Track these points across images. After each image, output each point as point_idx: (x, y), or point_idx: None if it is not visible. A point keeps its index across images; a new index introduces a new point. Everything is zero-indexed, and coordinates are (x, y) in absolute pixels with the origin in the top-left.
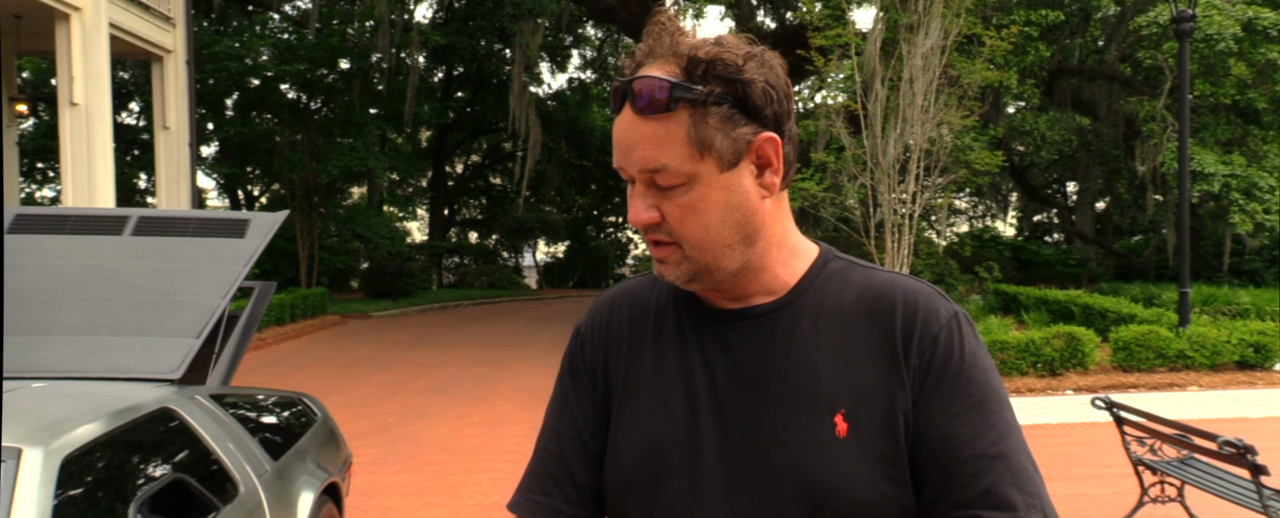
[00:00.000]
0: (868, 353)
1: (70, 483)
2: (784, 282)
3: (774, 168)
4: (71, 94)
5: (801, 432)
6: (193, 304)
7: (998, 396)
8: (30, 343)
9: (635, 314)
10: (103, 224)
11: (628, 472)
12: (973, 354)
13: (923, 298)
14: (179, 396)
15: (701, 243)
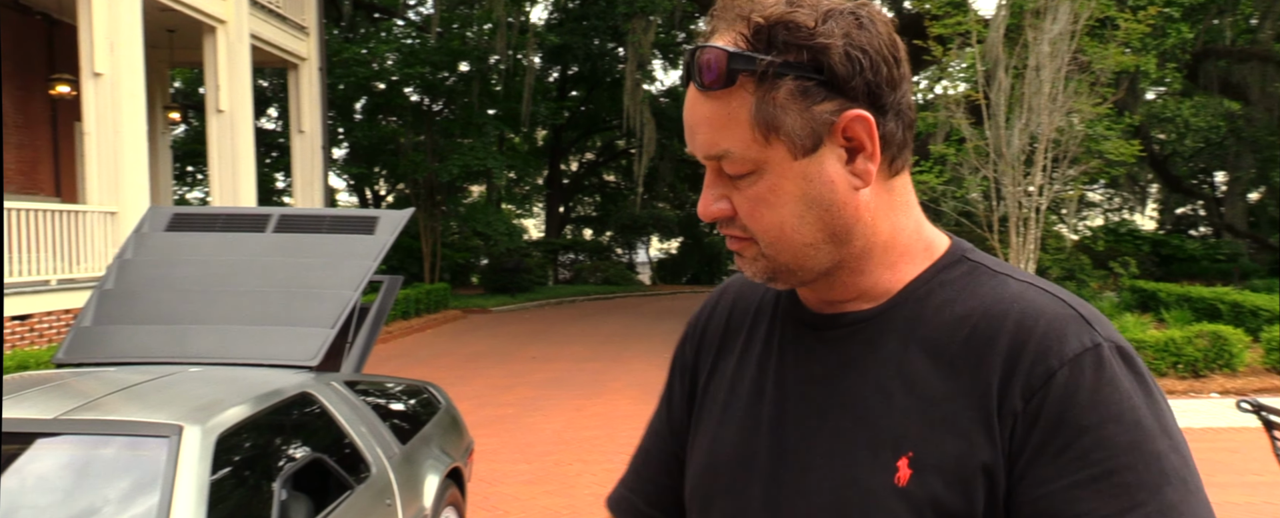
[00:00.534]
0: (958, 386)
1: (223, 458)
2: (887, 288)
3: (867, 152)
4: (217, 102)
5: (857, 472)
6: (328, 296)
7: (1160, 467)
8: (187, 332)
9: (738, 310)
10: (248, 222)
11: (691, 484)
12: (1118, 404)
13: (1046, 320)
14: (316, 381)
15: (777, 241)
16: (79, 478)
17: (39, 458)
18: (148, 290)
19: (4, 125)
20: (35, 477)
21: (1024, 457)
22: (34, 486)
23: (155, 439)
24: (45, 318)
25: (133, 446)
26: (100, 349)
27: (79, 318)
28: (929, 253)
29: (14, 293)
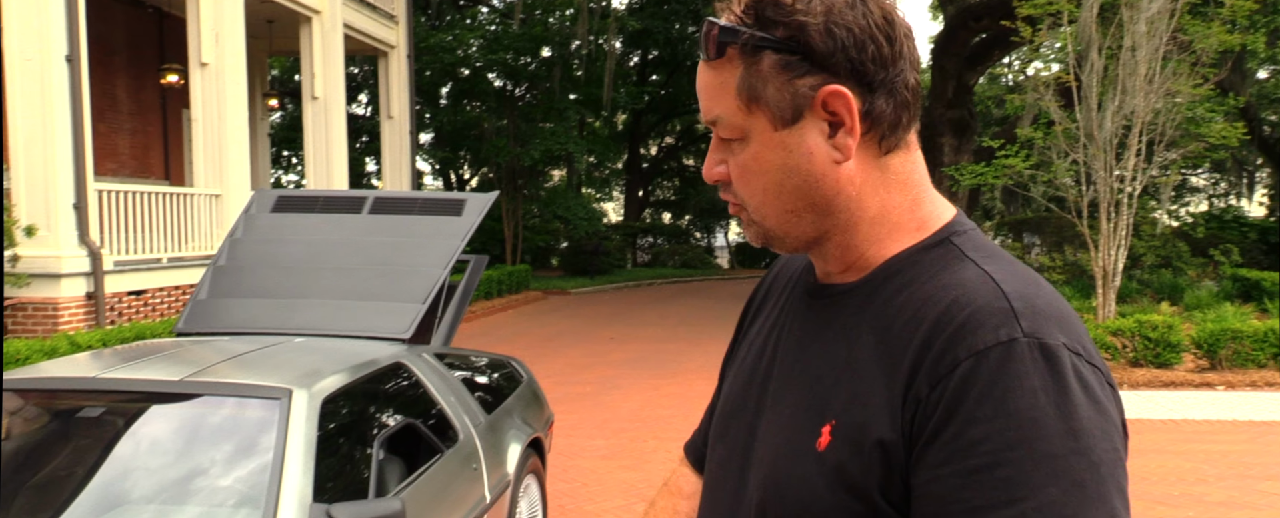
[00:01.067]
0: (884, 366)
1: (326, 419)
2: (871, 262)
3: (847, 127)
4: (313, 89)
5: (794, 433)
6: (419, 274)
7: (1047, 465)
8: (292, 305)
9: (781, 279)
10: (346, 204)
11: (712, 427)
12: (1016, 399)
13: (971, 311)
14: (409, 353)
15: (761, 206)
16: (202, 432)
17: (168, 414)
18: (256, 267)
19: (119, 112)
20: (166, 430)
21: (921, 441)
22: (164, 437)
23: (268, 401)
24: (157, 293)
25: (248, 406)
26: (215, 320)
27: (196, 292)
28: (920, 231)
29: (130, 269)
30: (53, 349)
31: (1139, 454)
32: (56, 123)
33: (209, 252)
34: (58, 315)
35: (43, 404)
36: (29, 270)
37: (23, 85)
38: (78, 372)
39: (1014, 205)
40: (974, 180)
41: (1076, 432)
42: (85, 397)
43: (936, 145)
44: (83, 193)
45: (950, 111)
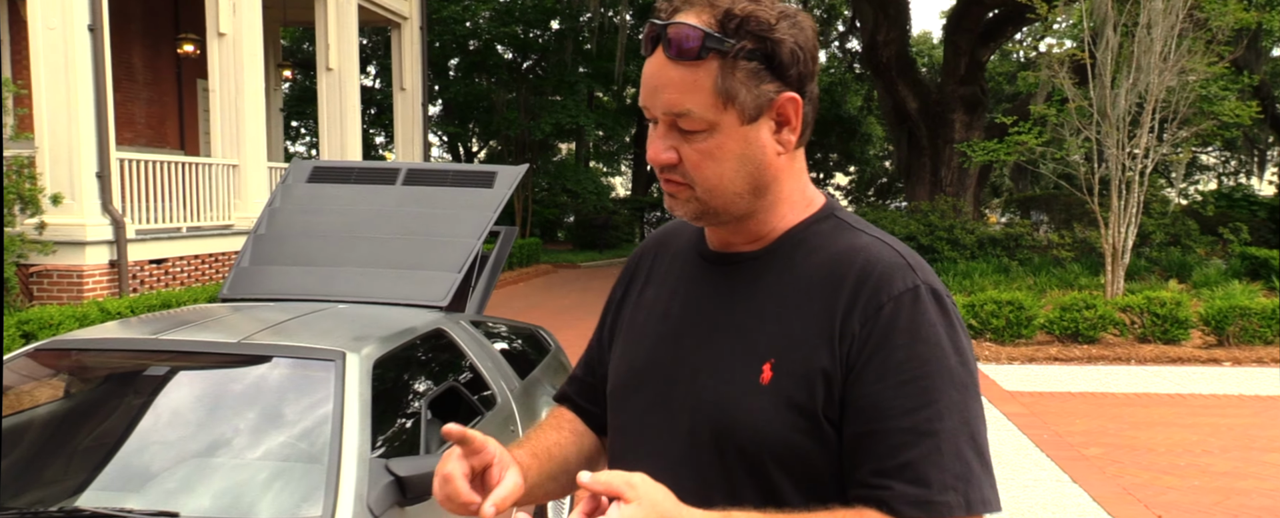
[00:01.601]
0: (813, 311)
1: (378, 382)
2: (771, 233)
3: (792, 126)
4: (327, 60)
5: (732, 373)
6: (453, 244)
7: (949, 376)
8: (331, 273)
9: (662, 252)
10: (380, 175)
11: (611, 385)
12: (924, 329)
13: (882, 267)
14: (447, 319)
15: (714, 189)
16: (261, 391)
17: (228, 374)
18: (295, 236)
19: (136, 82)
20: (227, 389)
21: (856, 366)
22: (226, 396)
23: (324, 363)
24: (177, 262)
25: (305, 367)
26: (258, 287)
27: (238, 259)
28: (808, 207)
29: (151, 239)
30: (84, 315)
31: (1146, 427)
32: (80, 92)
33: (226, 222)
34: (82, 283)
35: (107, 364)
36: (55, 238)
37: (46, 54)
38: (138, 333)
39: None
40: (986, 157)
41: (959, 350)
42: (149, 357)
43: (947, 122)
44: (106, 162)
45: (962, 88)
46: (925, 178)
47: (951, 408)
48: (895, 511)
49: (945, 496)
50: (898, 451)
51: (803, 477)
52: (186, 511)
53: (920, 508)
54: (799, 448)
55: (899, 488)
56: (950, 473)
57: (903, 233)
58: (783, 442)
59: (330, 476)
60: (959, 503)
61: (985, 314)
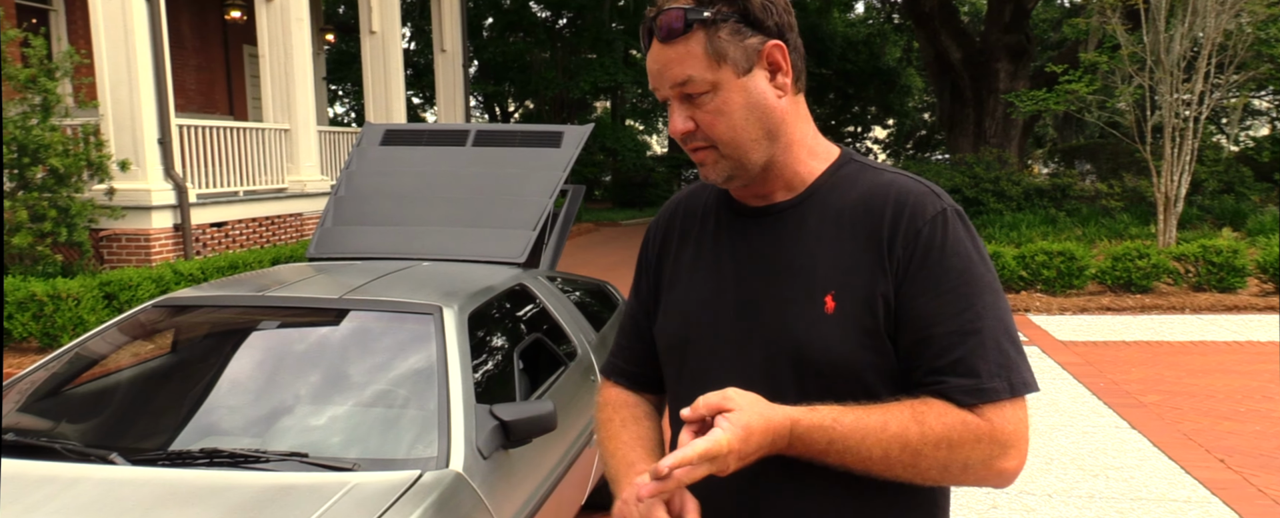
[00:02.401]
0: (860, 244)
1: (472, 333)
2: (803, 180)
3: (784, 70)
4: (371, 23)
5: (797, 308)
6: (526, 202)
7: (981, 283)
8: (412, 232)
9: (688, 215)
10: (450, 137)
11: (667, 340)
12: (956, 245)
13: (913, 196)
14: (526, 275)
15: (731, 140)
16: (366, 343)
17: (332, 327)
18: (372, 197)
19: (185, 49)
20: (332, 341)
21: (905, 283)
22: (332, 347)
23: (422, 316)
24: (236, 225)
25: (404, 320)
26: (342, 246)
27: (322, 220)
28: (827, 156)
29: (211, 203)
30: (160, 277)
31: (1204, 374)
32: (140, 60)
33: (280, 185)
34: (149, 246)
35: (220, 319)
36: (123, 203)
37: (107, 25)
38: (245, 291)
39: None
40: (1034, 107)
41: (984, 259)
42: (259, 312)
43: (991, 71)
44: (166, 128)
45: (1007, 36)
46: (969, 129)
47: (987, 309)
48: (953, 399)
49: (992, 382)
50: (948, 350)
51: (869, 390)
52: (314, 452)
53: (973, 395)
54: (867, 364)
55: (953, 381)
56: (994, 363)
57: (946, 185)
58: (854, 361)
59: (442, 420)
60: (1004, 388)
61: (1036, 265)
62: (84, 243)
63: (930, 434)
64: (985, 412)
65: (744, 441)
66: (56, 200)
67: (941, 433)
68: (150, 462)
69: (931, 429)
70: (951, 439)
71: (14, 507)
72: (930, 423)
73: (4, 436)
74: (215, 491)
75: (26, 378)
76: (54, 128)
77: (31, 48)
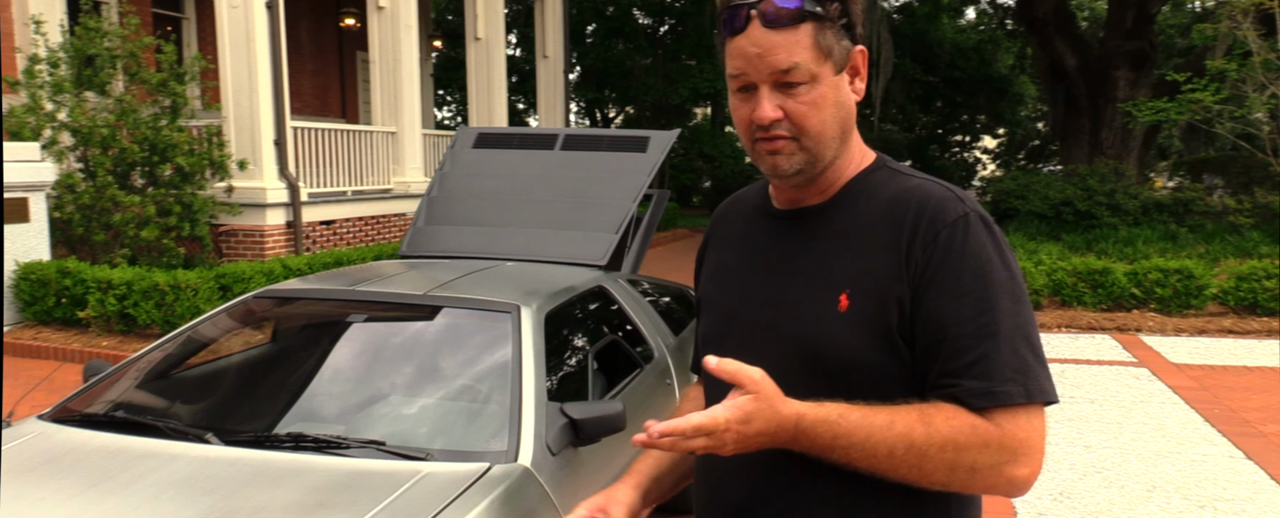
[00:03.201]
0: (879, 246)
1: (549, 333)
2: (836, 184)
3: (861, 75)
4: (476, 30)
5: (811, 304)
6: (610, 206)
7: (1000, 287)
8: (498, 233)
9: (732, 218)
10: (539, 141)
11: (705, 334)
12: (977, 249)
13: (935, 200)
14: (606, 277)
15: (818, 134)
16: (446, 338)
17: (416, 322)
18: (463, 198)
19: (303, 55)
20: (416, 335)
21: (923, 285)
22: (415, 341)
23: (500, 314)
24: (344, 223)
25: (483, 318)
26: (432, 245)
27: (414, 220)
28: (864, 160)
29: (321, 202)
30: (270, 270)
31: None
32: (260, 66)
33: (386, 186)
34: (264, 242)
35: (313, 311)
36: (240, 201)
37: (231, 33)
38: (337, 285)
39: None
40: (1154, 117)
41: (1007, 264)
42: (348, 306)
43: (1110, 79)
44: (282, 130)
45: (1128, 43)
46: (1083, 139)
47: (1005, 314)
48: (964, 403)
49: (1006, 386)
50: (962, 353)
51: (881, 393)
52: (390, 440)
53: (985, 398)
54: (878, 364)
55: (966, 383)
56: (1009, 367)
57: (1057, 197)
58: (864, 359)
59: (513, 415)
60: (1020, 392)
61: (1149, 283)
62: (205, 237)
63: (937, 436)
64: (996, 416)
65: (743, 422)
66: (181, 197)
67: (948, 435)
68: (241, 443)
69: (938, 431)
70: (958, 442)
71: (120, 477)
72: (938, 424)
73: (116, 412)
74: (297, 473)
75: (142, 359)
76: (181, 128)
77: (164, 54)
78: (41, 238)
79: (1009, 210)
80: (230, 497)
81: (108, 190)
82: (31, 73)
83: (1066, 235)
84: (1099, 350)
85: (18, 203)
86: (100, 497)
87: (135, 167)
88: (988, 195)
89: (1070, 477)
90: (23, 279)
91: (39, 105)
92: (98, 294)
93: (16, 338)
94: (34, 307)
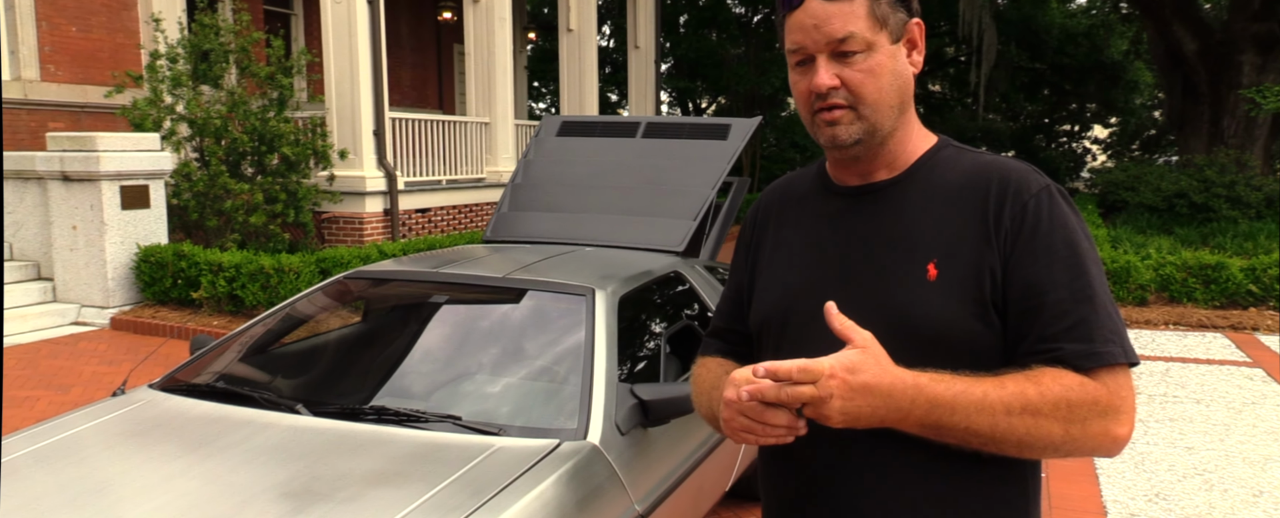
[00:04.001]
0: (963, 217)
1: (622, 316)
2: (904, 161)
3: (919, 48)
4: (568, 21)
5: (899, 276)
6: (689, 193)
7: (1089, 256)
8: (579, 219)
9: (787, 199)
10: (621, 129)
11: (763, 316)
12: (1061, 219)
13: (1016, 174)
14: (683, 263)
15: (875, 101)
16: (523, 319)
17: (495, 303)
18: (546, 185)
19: (402, 48)
20: (494, 315)
21: (1013, 254)
22: (493, 321)
23: (575, 297)
24: (438, 211)
25: (559, 300)
26: (515, 230)
27: (499, 206)
28: (925, 140)
29: (417, 190)
30: (366, 256)
31: None
32: (361, 59)
33: (479, 175)
34: (363, 228)
35: (399, 292)
36: (341, 189)
37: (334, 26)
38: (421, 268)
39: None
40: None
41: (1087, 234)
42: (432, 287)
43: (1234, 64)
44: (381, 121)
45: (1255, 25)
46: (1202, 129)
47: (1097, 279)
48: (1069, 363)
49: (1108, 347)
50: (1061, 317)
51: (974, 362)
52: (467, 416)
53: (1089, 359)
54: (969, 332)
55: (1069, 346)
56: (1107, 329)
57: (1170, 189)
58: (955, 327)
59: (584, 394)
60: (1119, 353)
61: (1268, 279)
62: (308, 223)
63: (1049, 394)
64: (1101, 375)
65: (850, 371)
66: (287, 185)
67: (1060, 393)
68: (328, 414)
69: (1049, 389)
70: (1070, 400)
71: (218, 442)
72: (1047, 383)
73: (217, 383)
74: (379, 443)
75: (243, 334)
76: (287, 120)
77: (272, 48)
78: (160, 223)
79: (1117, 203)
80: (316, 463)
81: (220, 178)
82: (153, 68)
83: (1179, 229)
84: (1209, 349)
85: (139, 190)
86: (201, 459)
87: (245, 156)
88: (1095, 188)
89: (1168, 478)
90: (143, 261)
91: (159, 98)
92: (209, 276)
93: (137, 316)
94: (153, 287)
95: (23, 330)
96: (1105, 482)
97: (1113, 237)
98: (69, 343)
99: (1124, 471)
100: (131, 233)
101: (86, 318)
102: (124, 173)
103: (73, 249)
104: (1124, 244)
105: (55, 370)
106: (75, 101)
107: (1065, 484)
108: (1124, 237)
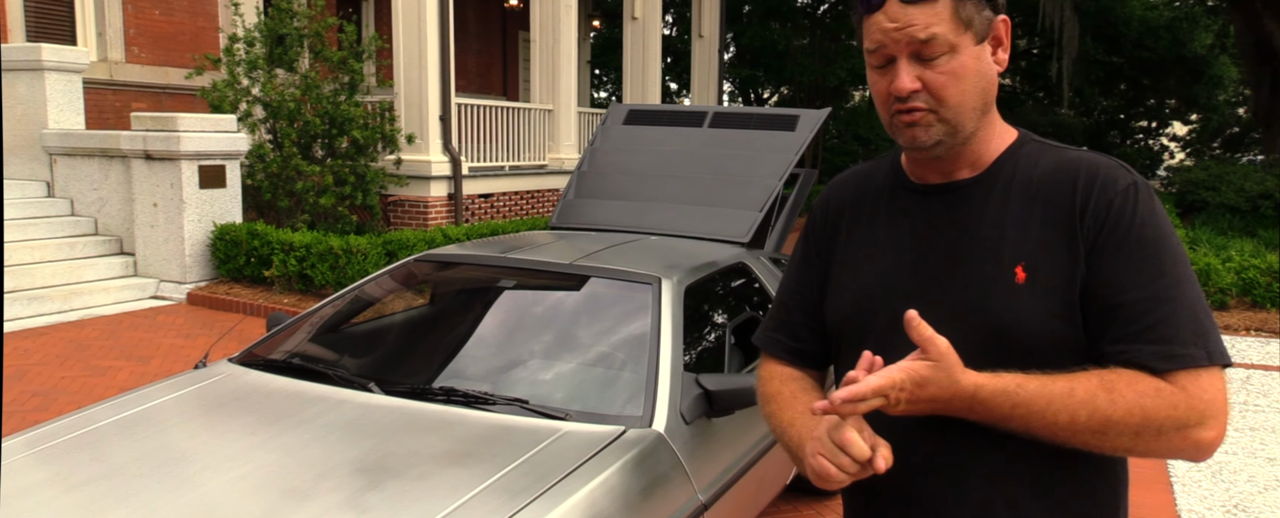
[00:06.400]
0: (1049, 216)
1: (687, 305)
2: (986, 159)
3: (1005, 46)
4: (633, 10)
5: (986, 279)
6: (755, 184)
7: (1173, 254)
8: (644, 208)
9: (859, 195)
10: (688, 118)
11: (843, 315)
12: (1147, 217)
13: (1103, 170)
14: (748, 254)
15: (957, 104)
16: (590, 306)
17: (562, 289)
18: (612, 173)
19: (468, 35)
20: (561, 302)
21: (1097, 252)
22: (560, 307)
23: (642, 285)
24: (501, 197)
25: (626, 288)
26: (581, 217)
27: (564, 193)
28: (1006, 137)
29: (481, 176)
30: (431, 239)
31: None
32: (429, 46)
33: (541, 162)
34: (427, 212)
35: (467, 275)
36: (408, 173)
37: (404, 12)
38: (490, 252)
39: None
40: None
41: (1171, 231)
42: (500, 272)
43: None
44: (447, 107)
45: None
46: None
47: (1182, 279)
48: (1147, 366)
49: (1189, 349)
50: (1140, 317)
51: (1061, 364)
52: (533, 399)
53: (1168, 361)
54: (1058, 334)
55: (1145, 348)
56: (1189, 330)
57: (1255, 189)
58: (1046, 331)
59: (649, 382)
60: (1201, 355)
61: None
62: (375, 206)
63: (1120, 401)
64: (1179, 379)
65: (918, 385)
66: (356, 168)
67: (1133, 399)
68: (399, 393)
69: (1122, 396)
70: (1145, 406)
71: (294, 417)
72: (1121, 389)
73: (293, 359)
74: (448, 423)
75: (316, 313)
76: (357, 104)
77: (345, 33)
78: (235, 202)
79: (1196, 203)
80: (387, 441)
81: (293, 160)
82: (230, 50)
83: (1263, 232)
84: None
85: (216, 170)
86: (278, 433)
87: (317, 139)
88: (1173, 186)
89: (1249, 489)
90: (218, 239)
91: (236, 80)
92: (281, 255)
93: (212, 292)
94: (227, 264)
95: (106, 303)
96: (1180, 490)
97: (1192, 238)
98: (148, 316)
99: (1200, 479)
100: (208, 211)
101: (165, 292)
102: (202, 153)
103: (153, 226)
104: (1203, 246)
105: (136, 342)
106: (157, 83)
107: (1139, 491)
108: (1203, 238)
